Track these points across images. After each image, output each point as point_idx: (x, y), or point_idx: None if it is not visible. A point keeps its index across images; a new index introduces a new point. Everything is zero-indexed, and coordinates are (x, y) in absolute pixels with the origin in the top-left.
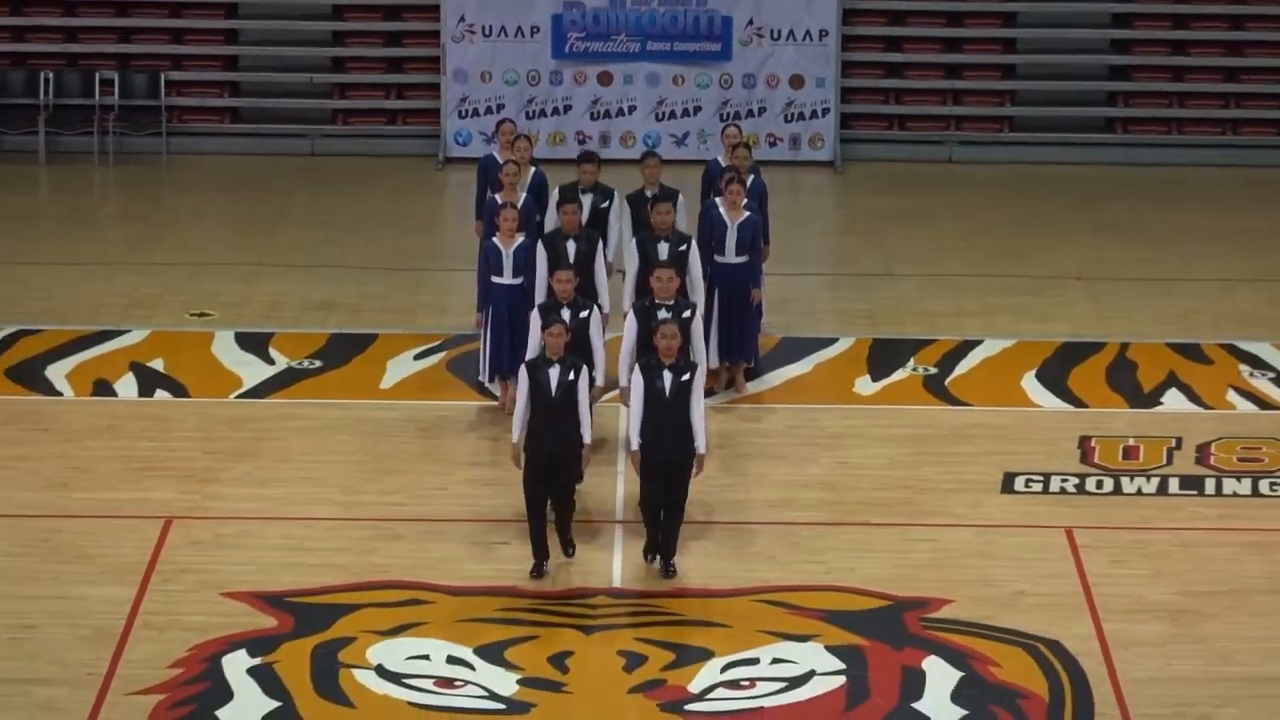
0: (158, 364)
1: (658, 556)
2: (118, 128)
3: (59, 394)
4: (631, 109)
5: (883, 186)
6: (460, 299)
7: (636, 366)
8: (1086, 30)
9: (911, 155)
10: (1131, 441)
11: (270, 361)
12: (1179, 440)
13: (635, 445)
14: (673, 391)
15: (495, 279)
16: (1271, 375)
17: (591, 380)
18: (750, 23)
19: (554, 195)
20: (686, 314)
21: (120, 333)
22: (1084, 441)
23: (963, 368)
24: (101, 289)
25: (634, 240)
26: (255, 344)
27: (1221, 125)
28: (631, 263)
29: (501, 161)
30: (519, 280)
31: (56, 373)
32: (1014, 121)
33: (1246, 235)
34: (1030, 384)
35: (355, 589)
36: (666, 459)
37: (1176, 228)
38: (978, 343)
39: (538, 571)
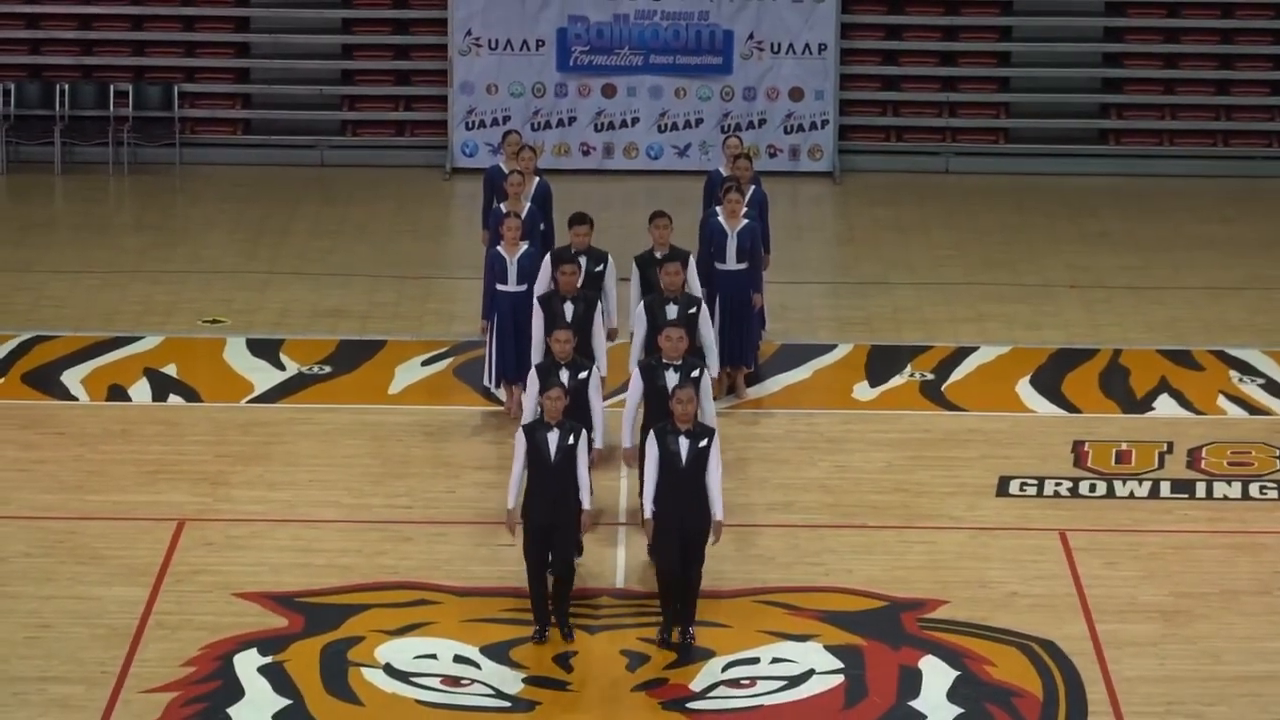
0: (171, 369)
1: (676, 631)
2: (132, 139)
3: (74, 399)
4: (635, 120)
5: (880, 196)
6: (467, 306)
7: (651, 432)
8: (1079, 44)
9: (908, 166)
10: (1124, 446)
11: (281, 367)
12: (1170, 445)
13: (649, 513)
14: (689, 459)
15: (500, 286)
16: (1261, 381)
17: (590, 443)
18: (751, 37)
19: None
20: (695, 373)
21: (134, 339)
22: (1077, 446)
23: (959, 374)
24: (116, 296)
25: (641, 303)
26: (266, 350)
27: (1212, 136)
28: (640, 326)
29: (507, 172)
30: (523, 287)
31: (72, 378)
32: (1009, 133)
33: (1235, 244)
34: (1024, 390)
35: (364, 589)
36: (682, 529)
37: (1167, 237)
38: (973, 349)
39: (539, 637)
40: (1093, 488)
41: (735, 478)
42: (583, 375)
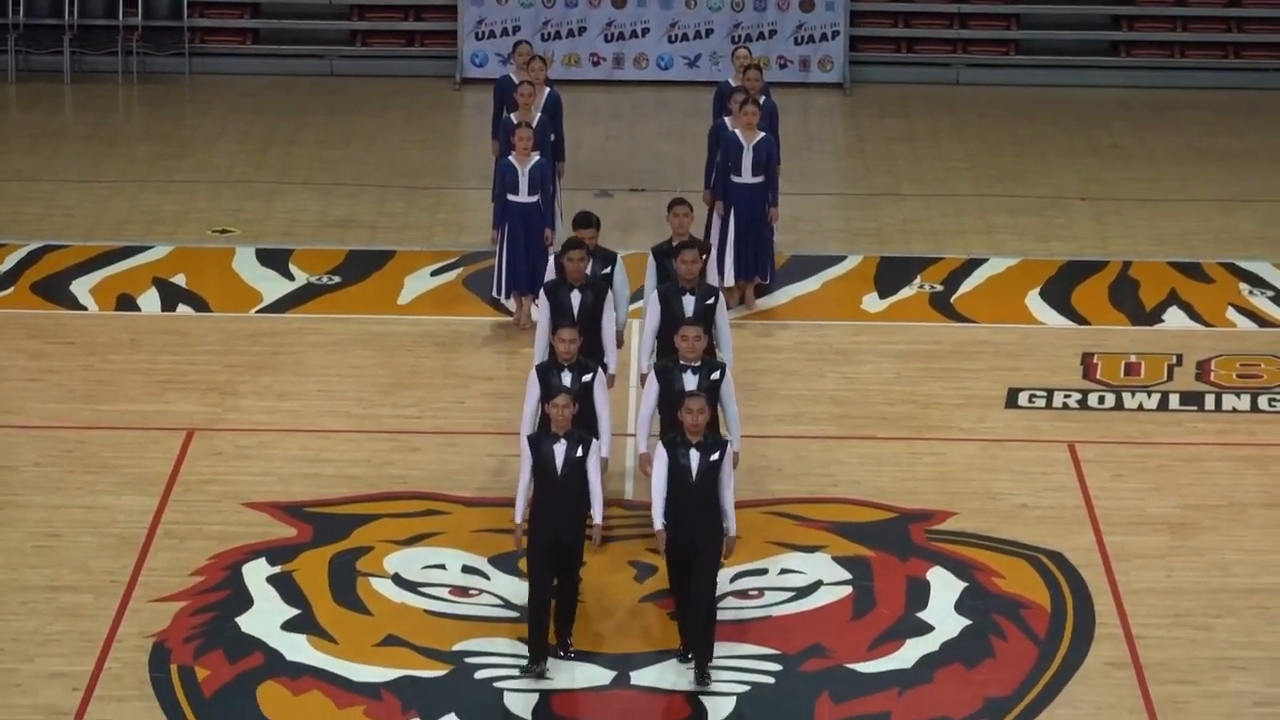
0: (180, 279)
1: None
2: (141, 48)
3: (83, 308)
4: (645, 31)
5: (891, 108)
6: (477, 216)
7: (660, 444)
8: None
9: (919, 78)
10: (1133, 358)
11: (290, 277)
12: (1179, 357)
13: (659, 525)
14: (700, 473)
15: (511, 196)
16: (1270, 294)
17: (598, 452)
18: None
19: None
20: (715, 375)
21: (143, 249)
22: (1086, 358)
23: (968, 285)
24: (125, 206)
25: (655, 292)
26: (275, 260)
27: (1223, 49)
28: (652, 315)
29: (517, 82)
30: (534, 198)
31: (81, 287)
32: (1019, 45)
33: (1246, 156)
34: (1034, 302)
35: (372, 500)
36: (691, 546)
37: (1178, 149)
38: (983, 261)
39: (534, 669)
40: (1101, 400)
41: (745, 390)
42: (588, 378)
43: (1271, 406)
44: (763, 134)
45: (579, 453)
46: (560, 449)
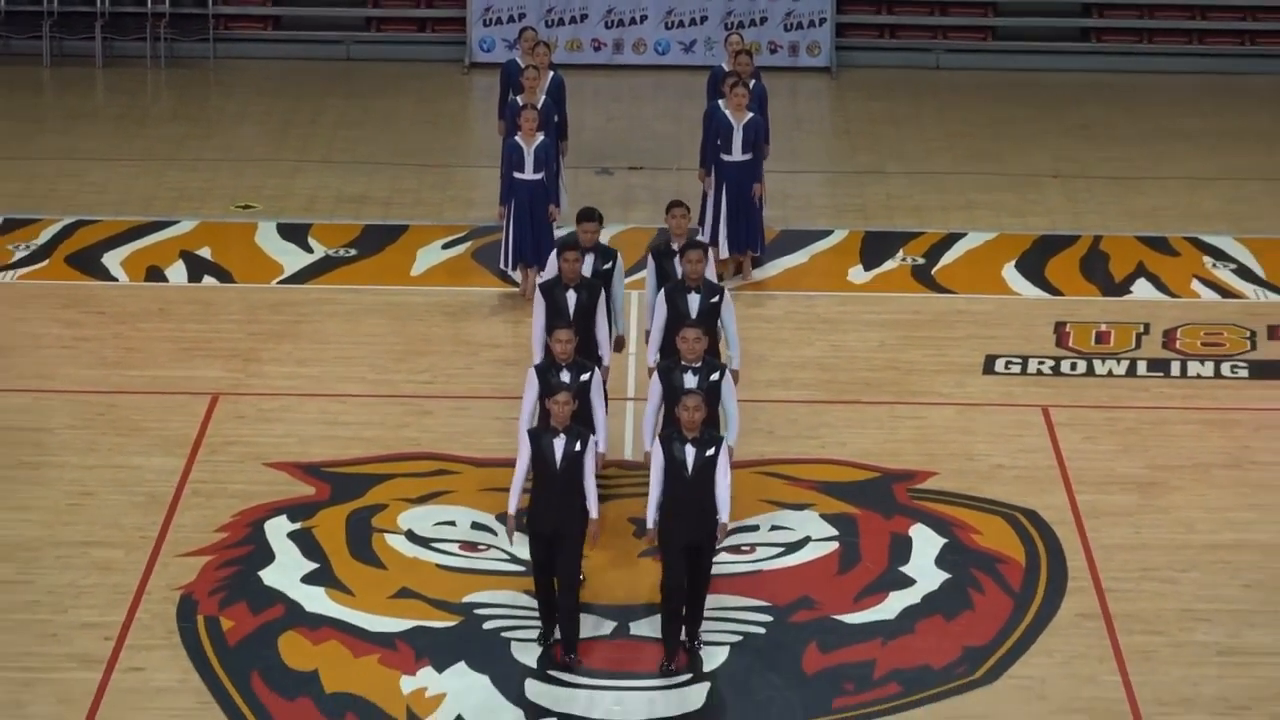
0: (205, 252)
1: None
2: (169, 34)
3: (114, 279)
4: (643, 18)
5: (875, 91)
6: (485, 193)
7: (658, 439)
8: None
9: (901, 62)
10: (1103, 327)
11: (309, 250)
12: (1147, 326)
13: (651, 523)
14: (695, 468)
15: (517, 174)
16: (1233, 266)
17: (594, 447)
18: None
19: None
20: (715, 376)
21: (171, 223)
22: (1059, 327)
23: (948, 258)
24: (153, 183)
25: (661, 291)
26: (295, 234)
27: (1188, 35)
28: (659, 314)
29: (523, 66)
30: (539, 175)
31: (112, 260)
32: (996, 31)
33: (1210, 137)
34: (1010, 274)
35: (387, 460)
36: (687, 542)
37: (1146, 130)
38: (961, 235)
39: (545, 640)
40: (1073, 366)
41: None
42: (584, 377)
43: (1233, 373)
44: (751, 114)
45: (577, 447)
46: (559, 443)
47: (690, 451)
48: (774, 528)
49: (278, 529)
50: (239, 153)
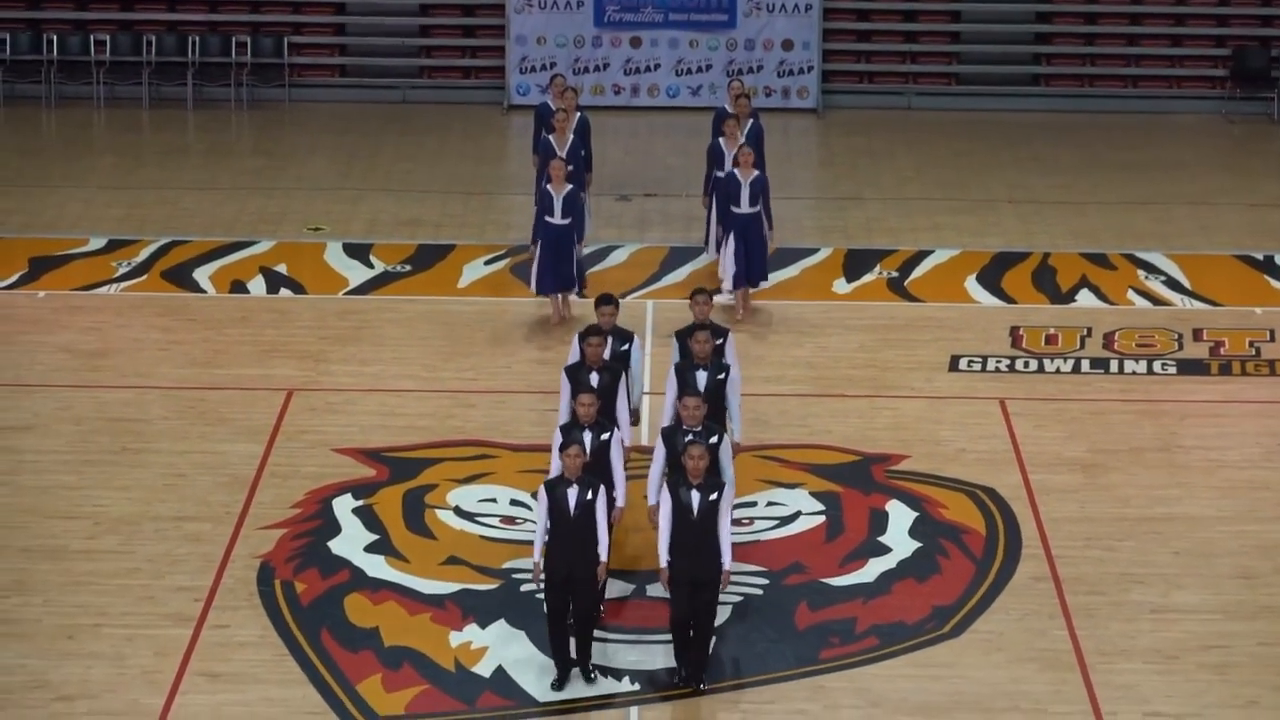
0: (281, 268)
1: (685, 674)
2: (250, 81)
3: (203, 291)
4: (657, 66)
5: (855, 129)
6: (520, 217)
7: (665, 485)
8: (1018, 5)
9: (878, 104)
10: (1052, 331)
11: (370, 266)
12: (1089, 330)
13: (664, 562)
14: (701, 511)
15: (547, 218)
16: (1163, 278)
17: (612, 501)
18: None
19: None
20: (714, 440)
21: (252, 243)
22: (1014, 330)
23: (918, 272)
24: (237, 208)
25: (672, 367)
26: (359, 252)
27: (1124, 80)
28: (670, 390)
29: (554, 109)
30: (566, 220)
31: (201, 274)
32: (959, 77)
33: (1143, 167)
34: (971, 285)
35: (437, 446)
36: (693, 579)
37: (1088, 161)
38: (930, 252)
39: (558, 684)
40: (1026, 364)
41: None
42: (605, 437)
43: (1163, 370)
44: (757, 172)
45: (589, 496)
46: (573, 493)
47: (696, 496)
48: (770, 504)
49: (344, 505)
50: (310, 182)
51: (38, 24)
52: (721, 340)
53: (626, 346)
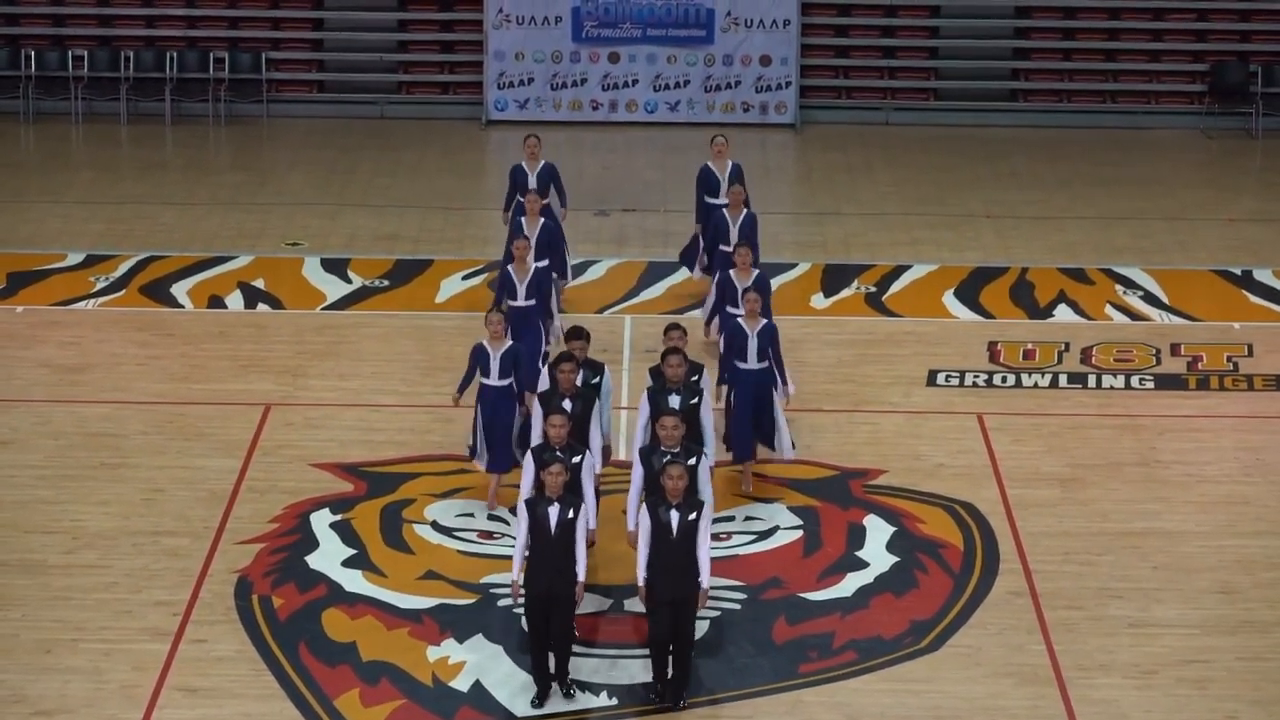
0: (259, 283)
1: (663, 692)
2: (228, 96)
3: (181, 306)
4: (635, 82)
5: (833, 144)
6: (498, 232)
7: (644, 505)
8: (995, 20)
9: (856, 119)
10: (1029, 345)
11: (348, 281)
12: (1067, 344)
13: (641, 580)
14: (680, 530)
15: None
16: (1140, 293)
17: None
18: (729, 14)
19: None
20: (692, 461)
21: (230, 258)
22: (992, 345)
23: (896, 287)
24: (215, 224)
25: (645, 392)
26: (336, 267)
27: (1102, 95)
28: (643, 413)
29: (528, 172)
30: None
31: (179, 289)
32: (937, 92)
33: (1120, 183)
34: (949, 300)
35: (415, 461)
36: (672, 598)
37: (1065, 176)
38: (908, 267)
39: (538, 703)
40: (1004, 379)
41: (714, 372)
42: (576, 460)
43: (1141, 384)
44: (764, 321)
45: (570, 514)
46: (554, 511)
47: (674, 516)
48: (748, 518)
49: (321, 520)
50: (288, 198)
51: (15, 40)
52: (696, 377)
53: (597, 379)
